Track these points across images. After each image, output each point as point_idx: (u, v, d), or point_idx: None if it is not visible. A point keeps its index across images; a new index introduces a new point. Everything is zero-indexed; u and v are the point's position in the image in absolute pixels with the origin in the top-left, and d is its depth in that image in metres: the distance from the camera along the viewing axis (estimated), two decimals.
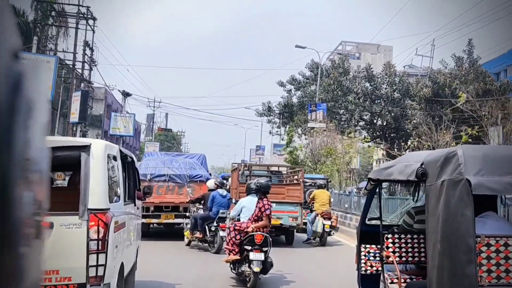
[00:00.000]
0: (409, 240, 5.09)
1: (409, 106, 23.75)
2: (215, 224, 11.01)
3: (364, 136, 22.25)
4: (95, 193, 4.62)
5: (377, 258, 5.89)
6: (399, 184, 5.85)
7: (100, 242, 4.56)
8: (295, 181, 14.17)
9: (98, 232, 4.57)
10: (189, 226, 11.89)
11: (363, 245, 5.90)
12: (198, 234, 11.38)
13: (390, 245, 5.10)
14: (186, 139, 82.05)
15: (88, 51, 27.06)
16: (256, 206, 7.86)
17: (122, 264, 5.36)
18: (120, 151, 5.69)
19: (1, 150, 0.78)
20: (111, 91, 38.37)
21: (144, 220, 11.57)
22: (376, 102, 24.33)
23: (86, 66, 27.32)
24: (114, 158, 5.37)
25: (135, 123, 41.25)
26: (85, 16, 26.21)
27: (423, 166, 4.13)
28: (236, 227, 7.91)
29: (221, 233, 10.40)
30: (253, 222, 7.82)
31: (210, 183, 12.01)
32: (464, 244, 3.43)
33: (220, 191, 11.46)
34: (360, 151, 28.42)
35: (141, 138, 57.99)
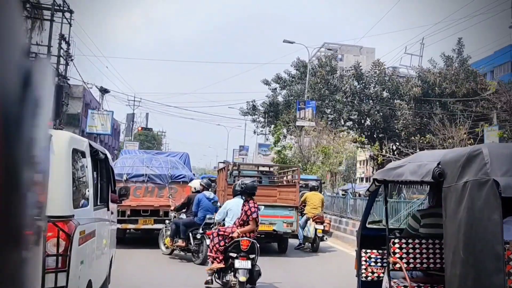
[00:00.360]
0: (416, 246, 4.88)
1: (398, 106, 23.76)
2: (200, 231, 10.02)
3: (358, 135, 22.01)
4: (56, 197, 3.90)
5: (379, 264, 5.73)
6: (409, 186, 5.65)
7: (60, 258, 3.86)
8: (289, 182, 13.48)
9: (58, 245, 3.87)
10: (168, 232, 10.83)
11: (363, 250, 5.75)
12: (180, 243, 10.28)
13: (397, 250, 4.88)
14: (167, 139, 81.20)
15: (64, 45, 26.37)
16: (242, 209, 7.37)
17: (90, 282, 4.67)
18: (91, 146, 5.05)
19: (10, 146, 0.78)
20: (89, 89, 37.61)
21: (119, 226, 10.58)
22: (364, 101, 24.24)
23: (63, 62, 26.63)
24: (83, 154, 4.74)
25: (113, 121, 40.51)
26: (61, 8, 25.54)
27: (440, 166, 3.92)
28: (220, 232, 7.43)
29: (208, 242, 9.02)
30: (239, 227, 7.34)
31: (195, 184, 11.07)
32: (491, 251, 3.21)
33: (207, 193, 10.48)
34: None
35: (121, 139, 57.20)
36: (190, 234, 10.20)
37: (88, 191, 4.81)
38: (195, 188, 10.88)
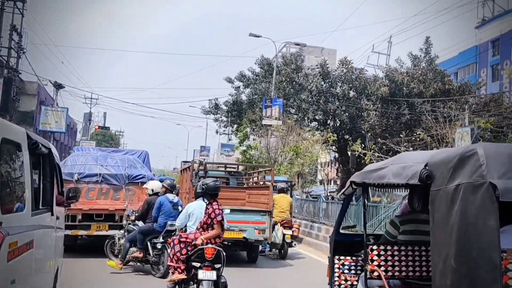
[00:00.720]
0: (395, 253, 4.75)
1: (365, 106, 23.93)
2: (161, 239, 9.14)
3: (330, 134, 21.90)
4: None
5: (352, 272, 5.62)
6: (385, 190, 5.50)
7: None
8: (262, 184, 12.73)
9: None
10: (122, 241, 9.85)
11: (336, 257, 5.58)
12: (137, 253, 9.27)
13: (375, 257, 4.72)
14: (125, 139, 79.64)
15: (15, 37, 25.27)
16: (205, 212, 6.84)
17: None
18: (29, 137, 4.29)
19: None
20: (43, 86, 36.27)
21: (68, 232, 9.84)
22: (331, 100, 24.30)
23: (14, 54, 25.50)
24: (18, 146, 4.02)
25: (68, 119, 39.21)
26: None
27: (427, 167, 3.74)
28: (182, 239, 6.82)
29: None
30: (203, 232, 6.77)
31: (154, 185, 10.01)
32: (486, 260, 3.03)
33: (170, 196, 9.50)
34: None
35: (78, 138, 55.71)
36: (149, 243, 9.29)
37: (25, 192, 4.10)
38: (152, 190, 9.88)
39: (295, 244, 13.13)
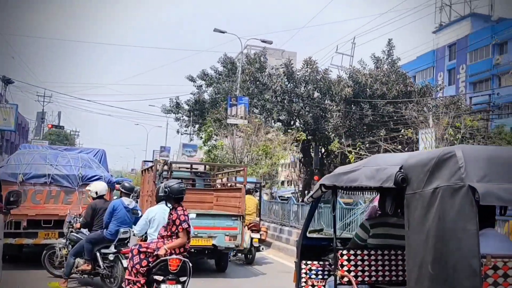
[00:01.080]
0: (365, 258, 4.67)
1: (329, 106, 24.09)
2: (113, 249, 8.15)
3: (301, 133, 21.71)
4: None
5: (320, 277, 5.55)
6: (361, 192, 5.42)
7: None
8: (233, 186, 12.05)
9: None
10: (64, 251, 8.78)
11: (303, 262, 5.48)
12: (84, 265, 8.23)
13: (345, 263, 4.65)
14: (80, 139, 77.47)
15: None
16: (169, 219, 6.16)
17: None
18: None
19: None
20: None
21: (12, 241, 8.95)
22: (295, 101, 24.31)
23: None
24: None
25: (17, 115, 37.65)
26: None
27: (402, 170, 3.65)
28: (142, 249, 6.11)
29: (125, 263, 7.75)
30: (166, 240, 6.11)
31: (98, 187, 8.85)
32: (466, 267, 2.95)
33: (126, 200, 8.40)
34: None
35: (30, 137, 53.71)
36: (98, 254, 8.21)
37: None
38: (96, 193, 8.73)
39: (263, 249, 12.61)
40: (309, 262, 5.40)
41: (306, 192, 26.76)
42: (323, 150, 26.63)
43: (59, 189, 10.16)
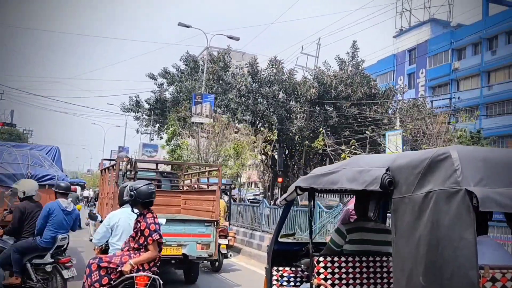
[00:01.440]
0: (342, 265, 4.43)
1: (293, 107, 23.97)
2: (49, 259, 7.16)
3: (275, 132, 21.28)
4: None
5: (291, 284, 5.34)
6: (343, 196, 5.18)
7: None
8: (197, 187, 11.24)
9: None
10: None
11: (275, 268, 5.21)
12: (12, 279, 7.07)
13: (322, 270, 4.39)
14: (34, 139, 74.69)
15: None
16: (136, 227, 5.27)
17: None
18: None
19: None
20: None
21: None
22: (260, 101, 24.06)
23: None
24: None
25: None
26: None
27: (389, 172, 3.40)
28: (103, 264, 5.18)
29: (65, 274, 6.93)
30: (132, 253, 5.24)
31: (27, 186, 7.69)
32: (463, 278, 2.71)
33: (64, 203, 7.37)
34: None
35: None
36: (29, 265, 7.11)
37: None
38: (24, 193, 7.58)
39: (231, 255, 11.89)
40: (280, 268, 5.17)
41: (269, 194, 26.57)
42: (286, 151, 26.52)
43: (4, 190, 8.81)
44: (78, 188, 25.06)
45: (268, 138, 20.51)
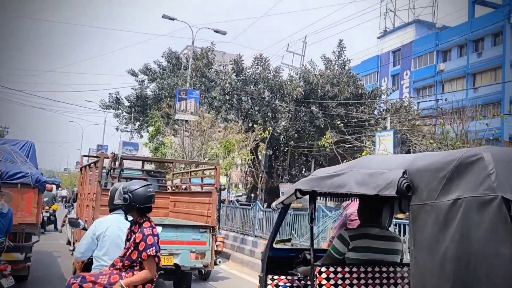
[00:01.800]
0: (346, 275, 4.08)
1: (279, 107, 23.63)
2: None
3: (270, 129, 20.73)
4: None
5: None
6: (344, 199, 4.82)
7: None
8: (185, 188, 10.52)
9: None
10: None
11: (269, 277, 4.90)
12: None
13: (324, 281, 4.04)
14: (10, 136, 73.03)
15: None
16: (129, 238, 4.34)
17: None
18: None
19: None
20: None
21: None
22: (244, 100, 23.65)
23: None
24: None
25: None
26: None
27: (406, 175, 3.05)
28: (86, 285, 4.23)
29: (5, 283, 6.39)
30: (123, 272, 4.30)
31: None
32: None
33: None
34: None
35: None
36: None
37: None
38: None
39: (220, 262, 11.11)
40: (275, 277, 4.87)
41: (252, 195, 26.18)
42: (271, 152, 26.16)
43: None
44: (54, 187, 24.34)
45: (260, 136, 19.89)
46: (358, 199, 4.69)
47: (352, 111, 22.11)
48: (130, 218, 4.39)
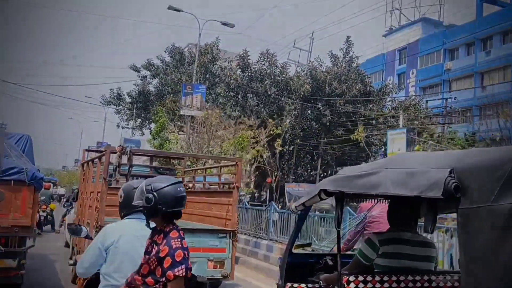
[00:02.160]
0: (377, 285, 3.75)
1: (285, 104, 23.28)
2: None
3: (285, 123, 20.29)
4: None
5: None
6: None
7: None
8: (220, 187, 9.45)
9: None
10: None
11: (289, 285, 4.56)
12: None
13: None
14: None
15: None
16: (149, 251, 3.29)
17: None
18: None
19: None
20: None
21: None
22: (250, 96, 23.30)
23: None
24: None
25: None
26: None
27: (453, 174, 2.73)
28: None
29: None
30: None
31: None
32: None
33: None
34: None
35: None
36: None
37: None
38: None
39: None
40: (295, 284, 4.49)
41: (256, 195, 25.87)
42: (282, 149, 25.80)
43: None
44: (51, 185, 23.94)
45: (273, 132, 19.31)
46: (387, 201, 4.38)
47: (360, 109, 21.78)
48: (152, 224, 3.40)
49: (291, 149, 24.92)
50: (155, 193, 3.26)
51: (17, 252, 7.50)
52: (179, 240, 3.27)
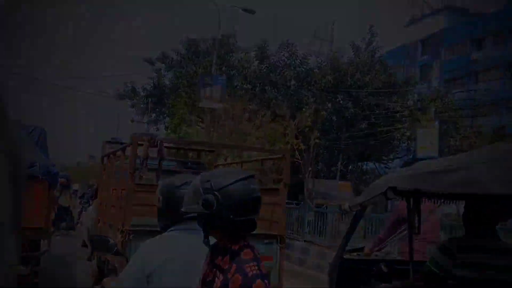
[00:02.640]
0: None
1: (304, 97, 22.59)
2: None
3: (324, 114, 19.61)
4: None
5: None
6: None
7: None
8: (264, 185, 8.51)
9: None
10: None
11: None
12: None
13: None
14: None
15: None
16: (209, 280, 2.23)
17: None
18: None
19: None
20: None
21: None
22: (267, 89, 22.66)
23: None
24: None
25: None
26: None
27: None
28: None
29: None
30: None
31: None
32: None
33: None
34: None
35: None
36: None
37: None
38: None
39: None
40: None
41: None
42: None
43: None
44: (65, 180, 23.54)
45: (304, 124, 18.58)
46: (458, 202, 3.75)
47: (383, 101, 21.06)
48: (208, 241, 2.30)
49: (309, 143, 24.16)
50: (217, 193, 2.16)
51: (29, 257, 6.90)
52: (255, 264, 2.14)
